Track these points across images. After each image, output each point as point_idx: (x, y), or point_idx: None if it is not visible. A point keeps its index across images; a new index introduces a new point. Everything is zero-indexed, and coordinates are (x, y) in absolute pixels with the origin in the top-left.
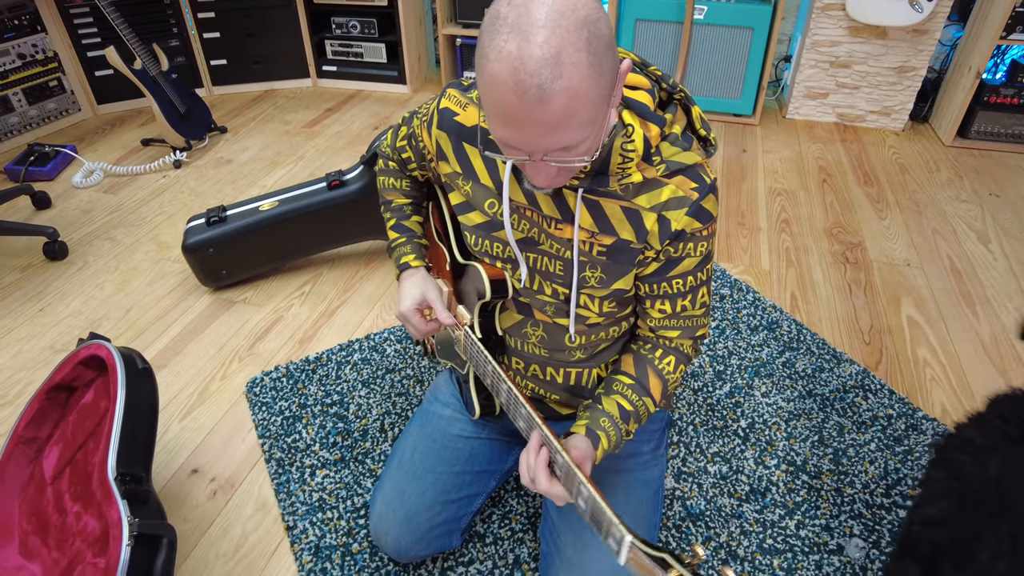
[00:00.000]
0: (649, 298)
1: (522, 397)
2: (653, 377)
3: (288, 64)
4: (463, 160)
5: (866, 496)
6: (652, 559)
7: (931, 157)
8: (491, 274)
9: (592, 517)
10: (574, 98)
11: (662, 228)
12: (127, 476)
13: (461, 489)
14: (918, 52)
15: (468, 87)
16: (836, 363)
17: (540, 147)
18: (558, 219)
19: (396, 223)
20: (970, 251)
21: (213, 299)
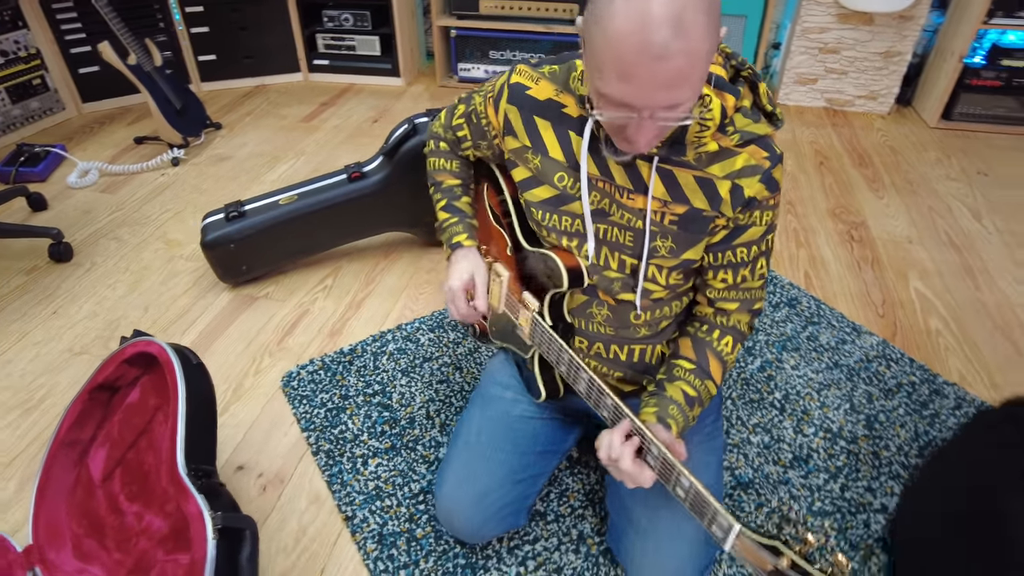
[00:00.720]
0: (712, 268)
1: (605, 386)
2: (713, 359)
3: (279, 59)
4: (533, 134)
5: (901, 458)
6: (764, 546)
7: (918, 139)
8: (567, 263)
9: (693, 506)
10: (691, 57)
11: (735, 195)
12: (200, 470)
13: (527, 469)
14: (903, 37)
15: (537, 64)
16: (856, 335)
17: (651, 103)
18: (630, 189)
19: (447, 203)
20: (966, 227)
21: (233, 295)
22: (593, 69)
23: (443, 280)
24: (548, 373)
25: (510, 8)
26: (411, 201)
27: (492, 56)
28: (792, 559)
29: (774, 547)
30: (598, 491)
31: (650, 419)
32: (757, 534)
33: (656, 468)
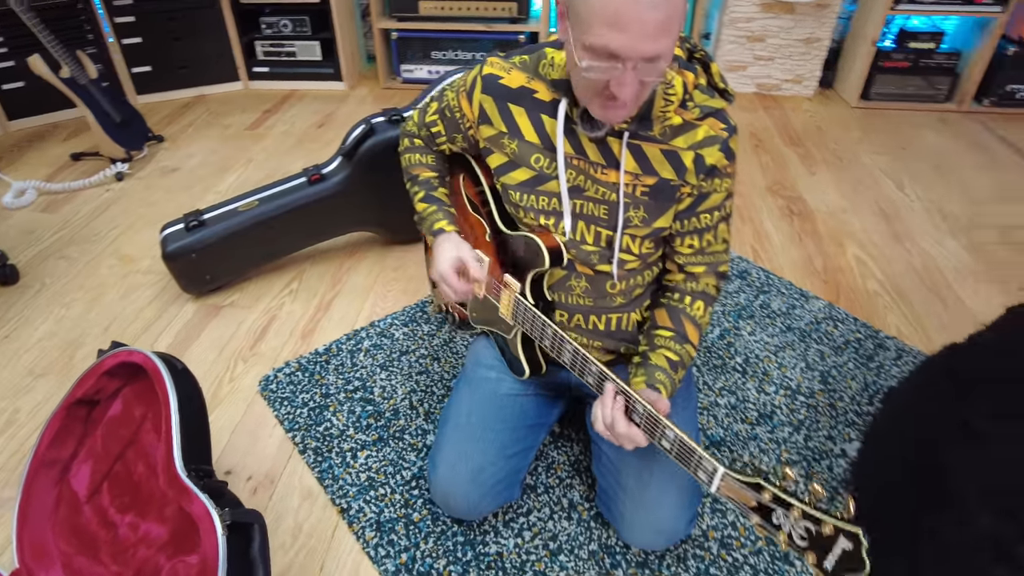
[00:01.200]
0: (680, 235)
1: (590, 356)
2: (689, 324)
3: (217, 68)
4: (508, 120)
5: (855, 407)
6: (746, 484)
7: (842, 118)
8: (548, 243)
9: (679, 455)
10: (675, 9)
11: (697, 164)
12: (200, 471)
13: (517, 443)
14: (821, 24)
15: (507, 56)
16: (804, 300)
17: (637, 52)
18: (603, 164)
19: (425, 195)
20: (891, 196)
21: (198, 306)
22: (581, 23)
23: (431, 268)
24: (530, 351)
25: (450, 8)
26: (373, 200)
27: (434, 56)
28: (774, 492)
29: (756, 484)
30: (583, 460)
31: (640, 387)
32: (740, 474)
33: (642, 425)
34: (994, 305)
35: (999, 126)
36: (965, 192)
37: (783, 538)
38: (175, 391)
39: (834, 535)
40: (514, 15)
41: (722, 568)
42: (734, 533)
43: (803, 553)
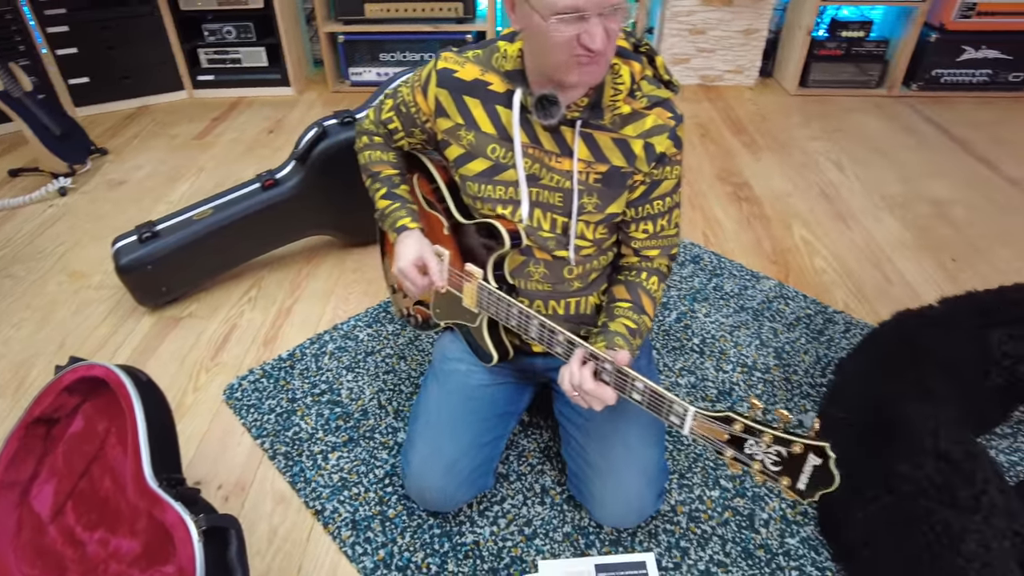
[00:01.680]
0: (634, 221)
1: (559, 328)
2: (644, 297)
3: (160, 77)
4: (464, 112)
5: (808, 379)
6: (717, 419)
7: (783, 105)
8: (506, 226)
9: (651, 404)
10: None
11: (648, 152)
12: (172, 479)
13: (489, 432)
14: (759, 16)
15: (460, 51)
16: (756, 281)
17: (598, 2)
18: (557, 153)
19: (387, 192)
20: (832, 178)
21: (155, 319)
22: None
23: (392, 266)
24: (496, 336)
25: (396, 10)
26: (329, 203)
27: (382, 59)
28: (744, 423)
29: (726, 416)
30: (552, 446)
31: (600, 350)
32: (711, 411)
33: (612, 382)
34: (930, 275)
35: (926, 108)
36: (899, 171)
37: (757, 467)
38: (140, 401)
39: (803, 453)
40: (460, 15)
41: (692, 540)
42: (702, 506)
43: (777, 479)
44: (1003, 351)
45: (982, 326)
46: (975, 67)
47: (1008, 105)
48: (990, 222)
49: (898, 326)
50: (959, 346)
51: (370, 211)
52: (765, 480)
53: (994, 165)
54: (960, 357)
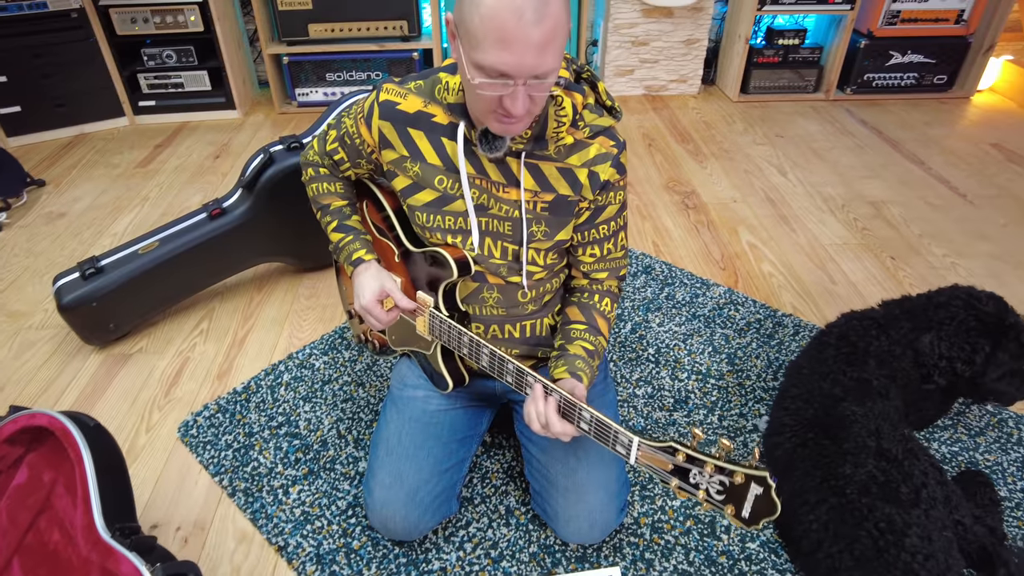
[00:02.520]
0: (581, 246)
1: (506, 355)
2: (599, 318)
3: (98, 104)
4: (409, 144)
5: (761, 383)
6: (660, 449)
7: (726, 112)
8: (454, 255)
9: (597, 434)
10: (557, 24)
11: (592, 180)
12: (125, 528)
13: (451, 458)
14: (699, 26)
15: (401, 81)
16: (706, 288)
17: (526, 68)
18: (504, 183)
19: (339, 224)
20: (775, 183)
21: (103, 357)
22: (471, 44)
23: (354, 298)
24: (451, 363)
25: (340, 30)
26: (279, 229)
27: (328, 78)
28: (686, 453)
29: (670, 447)
30: (515, 467)
31: (563, 376)
32: (653, 440)
33: (561, 410)
34: (872, 274)
35: (860, 111)
36: (838, 173)
37: (702, 495)
38: (88, 449)
39: (745, 483)
40: (405, 33)
41: (656, 552)
42: (664, 517)
43: (722, 507)
44: (938, 353)
45: (913, 329)
46: (903, 71)
47: (935, 106)
48: (924, 221)
49: (842, 328)
50: (897, 348)
51: (322, 236)
52: (711, 508)
53: (925, 164)
54: (899, 358)
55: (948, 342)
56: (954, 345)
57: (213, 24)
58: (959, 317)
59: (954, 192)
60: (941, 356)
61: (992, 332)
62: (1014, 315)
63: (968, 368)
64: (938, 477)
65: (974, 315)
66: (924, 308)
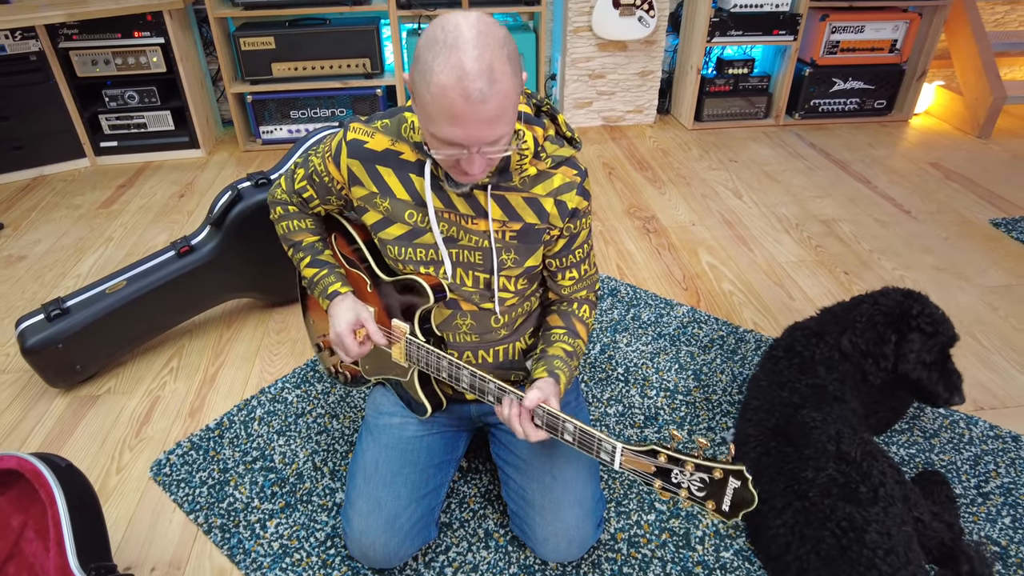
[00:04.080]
0: (560, 271)
1: (487, 374)
2: (578, 323)
3: (58, 145)
4: (378, 181)
5: (727, 397)
6: (642, 453)
7: (682, 140)
8: (429, 281)
9: (581, 443)
10: (505, 98)
11: (560, 209)
12: (101, 568)
13: (428, 483)
14: (652, 58)
15: (368, 120)
16: (670, 308)
17: (478, 140)
18: (472, 215)
19: (312, 260)
20: (732, 205)
21: (70, 399)
22: (424, 116)
23: (329, 329)
24: (428, 388)
25: (304, 69)
26: (248, 265)
27: (293, 116)
28: (667, 454)
29: (651, 449)
30: (492, 490)
31: (542, 375)
32: (636, 444)
33: (543, 426)
34: (827, 288)
35: (809, 134)
36: (791, 194)
37: (684, 494)
38: (61, 489)
39: (724, 478)
40: (368, 71)
41: (633, 566)
42: (640, 531)
43: (703, 504)
44: (859, 350)
45: (841, 332)
46: (845, 96)
47: (876, 129)
48: (873, 237)
49: (787, 341)
50: (836, 352)
51: (291, 270)
52: (692, 505)
53: (871, 183)
54: (841, 361)
55: (862, 338)
56: (868, 341)
57: (176, 65)
58: (867, 313)
59: (899, 209)
60: (861, 352)
61: (896, 324)
62: (923, 307)
63: (886, 361)
64: (896, 477)
65: (879, 310)
66: (846, 311)
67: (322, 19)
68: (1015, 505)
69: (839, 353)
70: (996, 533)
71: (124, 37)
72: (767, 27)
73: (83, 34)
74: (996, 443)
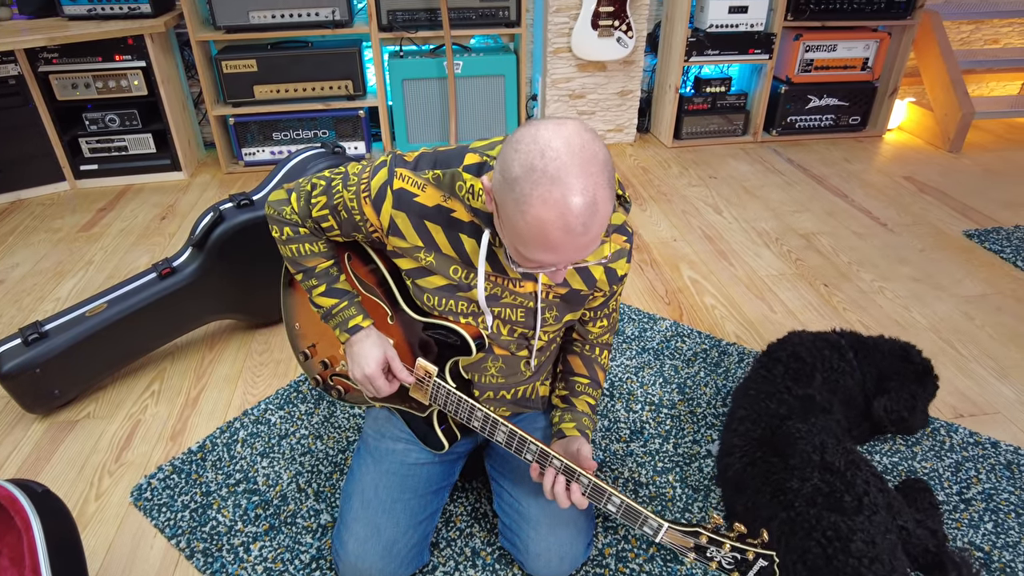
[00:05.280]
0: (592, 320)
1: (529, 437)
2: (599, 371)
3: (37, 169)
4: (425, 236)
5: (712, 410)
6: (686, 533)
7: (662, 158)
8: (471, 333)
9: (624, 516)
10: (603, 223)
11: (610, 276)
12: None
13: (425, 509)
14: (631, 78)
15: (416, 166)
16: (653, 323)
17: (571, 260)
18: (520, 279)
19: (327, 288)
20: (712, 221)
21: (47, 425)
22: (514, 236)
23: (353, 367)
24: (444, 423)
25: (286, 91)
26: (231, 286)
27: (275, 138)
28: (708, 535)
29: (695, 531)
30: (479, 507)
31: (572, 432)
32: (680, 525)
33: (587, 494)
34: (808, 301)
35: (786, 150)
36: (770, 209)
37: (714, 566)
38: (37, 516)
39: (754, 559)
40: (351, 92)
41: None
42: (627, 546)
43: (729, 573)
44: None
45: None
46: (821, 113)
47: (852, 144)
48: (851, 249)
49: (787, 346)
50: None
51: (274, 290)
52: (719, 572)
53: (848, 197)
54: (840, 372)
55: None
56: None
57: (157, 88)
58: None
59: (876, 221)
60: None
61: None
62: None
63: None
64: (879, 485)
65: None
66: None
67: (304, 42)
68: (996, 511)
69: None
70: (979, 539)
71: (105, 60)
72: (743, 46)
73: (63, 58)
74: (976, 450)
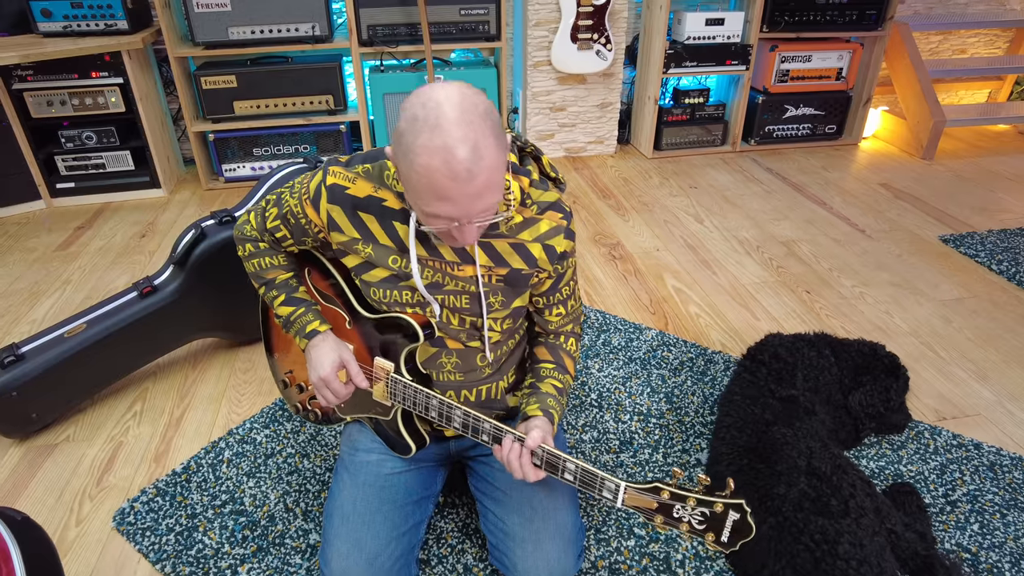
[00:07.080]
0: (547, 308)
1: (484, 417)
2: (566, 357)
3: (11, 188)
4: (360, 227)
5: (700, 419)
6: (645, 491)
7: (642, 169)
8: (418, 320)
9: (583, 482)
10: (491, 171)
11: (549, 254)
12: None
13: (408, 520)
14: (611, 90)
15: (348, 163)
16: (639, 332)
17: (468, 213)
18: (458, 262)
19: (287, 298)
20: (694, 230)
21: (25, 449)
22: (411, 193)
23: (309, 373)
24: (411, 426)
25: (266, 107)
26: (213, 304)
27: (256, 153)
28: (670, 491)
29: (654, 487)
30: (470, 524)
31: (536, 413)
32: (639, 482)
33: (543, 464)
34: (791, 308)
35: (765, 160)
36: (750, 217)
37: (685, 528)
38: (17, 545)
39: (724, 512)
40: (331, 107)
41: None
42: (620, 558)
43: (703, 535)
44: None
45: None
46: (798, 122)
47: (829, 152)
48: (831, 256)
49: (767, 347)
50: (822, 364)
51: (257, 308)
52: (692, 537)
53: (827, 204)
54: (819, 368)
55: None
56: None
57: (135, 104)
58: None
59: (854, 228)
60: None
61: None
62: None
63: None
64: (866, 489)
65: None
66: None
67: (284, 57)
68: (982, 511)
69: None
70: (966, 540)
71: (81, 77)
72: (720, 58)
73: (38, 75)
74: (960, 452)
